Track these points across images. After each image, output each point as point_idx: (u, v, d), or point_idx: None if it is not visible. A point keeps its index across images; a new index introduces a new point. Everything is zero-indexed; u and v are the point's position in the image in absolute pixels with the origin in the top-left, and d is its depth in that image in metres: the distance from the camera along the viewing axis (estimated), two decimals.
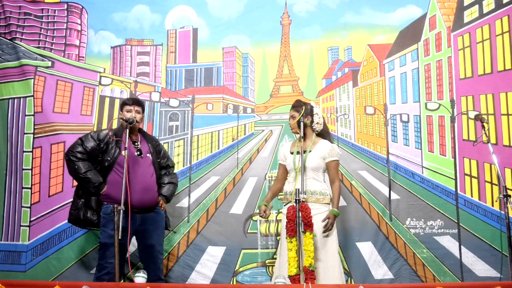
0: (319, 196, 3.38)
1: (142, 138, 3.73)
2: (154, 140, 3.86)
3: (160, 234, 3.70)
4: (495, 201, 4.05)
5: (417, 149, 4.44)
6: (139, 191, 3.47)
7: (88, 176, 3.48)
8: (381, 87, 4.58)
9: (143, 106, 3.74)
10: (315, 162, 3.40)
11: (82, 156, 3.52)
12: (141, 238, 3.63)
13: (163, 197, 3.71)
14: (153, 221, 3.62)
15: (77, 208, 3.62)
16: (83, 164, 3.51)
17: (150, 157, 3.65)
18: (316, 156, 3.42)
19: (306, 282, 2.94)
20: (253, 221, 4.43)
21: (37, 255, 4.39)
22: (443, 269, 4.11)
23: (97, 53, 4.85)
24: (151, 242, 3.60)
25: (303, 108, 3.47)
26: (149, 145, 3.70)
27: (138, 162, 3.56)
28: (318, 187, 3.39)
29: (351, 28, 4.65)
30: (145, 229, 3.60)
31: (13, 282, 3.06)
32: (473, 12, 4.40)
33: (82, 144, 3.56)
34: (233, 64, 4.80)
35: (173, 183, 3.83)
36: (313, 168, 3.40)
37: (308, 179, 3.38)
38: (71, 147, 3.59)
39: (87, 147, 3.54)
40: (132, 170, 3.49)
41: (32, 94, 4.54)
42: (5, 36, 4.69)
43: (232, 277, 4.28)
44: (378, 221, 4.29)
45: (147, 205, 3.56)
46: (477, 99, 4.31)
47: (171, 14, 4.87)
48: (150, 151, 3.68)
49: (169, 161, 3.91)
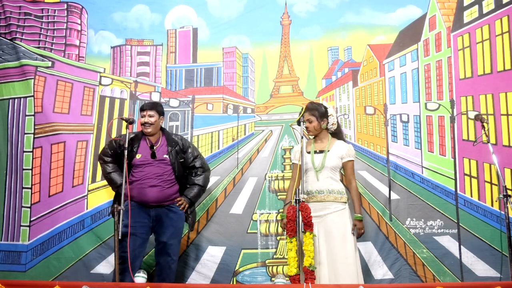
0: (337, 195, 3.42)
1: (164, 140, 3.81)
2: (175, 141, 3.85)
3: (174, 233, 3.71)
4: (495, 201, 4.05)
5: (417, 149, 4.44)
6: (148, 189, 3.63)
7: (111, 177, 3.79)
8: (381, 87, 4.58)
9: (158, 108, 3.77)
10: (334, 161, 3.47)
11: (108, 159, 3.81)
12: (156, 234, 3.75)
13: (187, 198, 3.78)
14: (168, 219, 3.69)
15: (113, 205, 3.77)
16: (108, 167, 3.81)
17: (167, 158, 3.74)
18: (334, 156, 3.48)
19: (306, 282, 2.95)
20: (253, 221, 4.43)
21: (37, 255, 4.39)
22: (443, 269, 4.12)
23: (97, 53, 4.85)
24: (163, 239, 3.67)
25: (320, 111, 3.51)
26: (168, 147, 3.77)
27: (151, 164, 3.69)
28: (336, 186, 3.45)
29: (351, 28, 4.65)
30: (159, 226, 3.70)
31: (13, 282, 3.07)
32: (473, 12, 4.40)
33: (107, 149, 3.84)
34: (233, 64, 4.80)
35: (199, 185, 3.85)
36: (332, 168, 3.46)
37: (326, 178, 3.44)
38: (100, 152, 3.94)
39: (110, 151, 3.81)
40: (146, 171, 3.67)
41: (32, 94, 4.55)
42: (5, 36, 4.69)
43: (232, 277, 4.28)
44: (378, 221, 4.30)
45: (157, 201, 3.66)
46: (477, 99, 4.31)
47: (171, 14, 4.87)
48: (168, 152, 3.76)
49: (197, 161, 3.87)
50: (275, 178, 4.51)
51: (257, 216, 4.43)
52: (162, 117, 3.81)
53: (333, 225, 3.34)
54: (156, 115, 3.73)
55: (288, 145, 4.57)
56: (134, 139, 3.74)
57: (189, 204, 3.79)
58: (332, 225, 3.35)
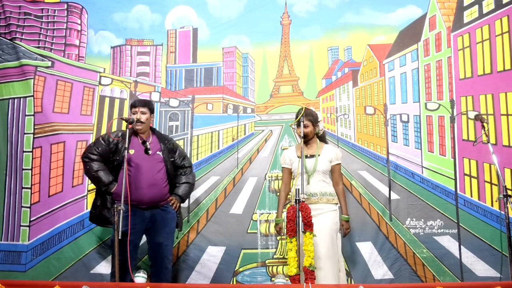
0: (329, 196, 3.56)
1: (155, 138, 3.79)
2: (167, 139, 3.89)
3: (169, 233, 3.71)
4: (495, 201, 4.05)
5: (417, 149, 4.44)
6: (145, 187, 3.57)
7: (98, 175, 3.65)
8: (381, 87, 4.58)
9: (150, 106, 3.76)
10: (325, 165, 3.59)
11: (94, 157, 3.68)
12: (149, 236, 3.71)
13: (177, 196, 3.76)
14: (162, 219, 3.67)
15: (96, 206, 3.75)
16: (94, 165, 3.67)
17: (160, 155, 3.71)
18: (325, 159, 3.60)
19: (306, 282, 2.95)
20: (253, 221, 4.43)
21: (37, 255, 4.39)
22: (443, 269, 4.12)
23: (97, 53, 4.85)
24: (159, 240, 3.65)
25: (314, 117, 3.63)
26: (160, 144, 3.76)
27: (146, 160, 3.63)
28: (328, 188, 3.58)
29: (351, 28, 4.65)
30: (153, 227, 3.66)
31: (13, 282, 3.07)
32: (473, 12, 4.40)
33: (94, 146, 3.73)
34: (233, 64, 4.80)
35: (189, 183, 3.87)
36: (323, 171, 3.59)
37: (319, 181, 3.56)
38: (85, 149, 3.80)
39: (98, 149, 3.69)
40: (139, 168, 3.59)
41: (32, 94, 4.54)
42: (5, 36, 4.68)
43: (232, 277, 4.28)
44: (378, 221, 4.30)
45: (153, 201, 3.62)
46: (477, 99, 4.31)
47: (171, 14, 4.87)
48: (161, 149, 3.74)
49: (186, 161, 3.92)
50: (275, 178, 4.51)
51: (257, 216, 4.43)
52: (152, 115, 3.78)
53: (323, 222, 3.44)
54: (148, 112, 3.70)
55: (288, 145, 4.57)
56: (124, 136, 3.61)
57: (180, 202, 3.78)
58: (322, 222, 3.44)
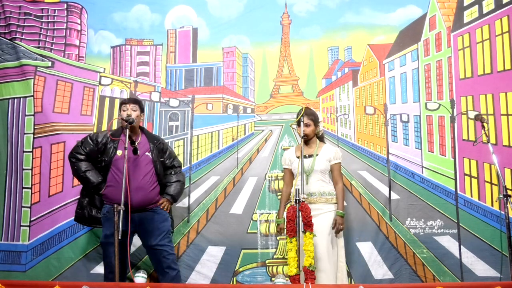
0: (328, 196, 3.57)
1: (144, 137, 3.73)
2: (156, 138, 3.84)
3: (162, 234, 3.62)
4: (495, 201, 4.05)
5: (417, 149, 4.44)
6: (133, 190, 3.43)
7: (87, 176, 3.60)
8: (381, 87, 4.58)
9: (140, 104, 3.73)
10: (324, 164, 3.61)
11: (82, 157, 3.65)
12: (143, 239, 3.68)
13: (169, 196, 3.71)
14: (152, 221, 3.61)
15: (82, 207, 3.72)
16: (82, 165, 3.62)
17: (149, 156, 3.65)
18: (323, 159, 3.62)
19: (306, 282, 2.95)
20: (253, 221, 4.43)
21: (37, 255, 4.38)
22: (443, 269, 4.12)
23: (97, 53, 4.85)
24: (150, 242, 3.61)
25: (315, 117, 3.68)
26: (150, 144, 3.70)
27: (134, 161, 3.53)
28: (327, 188, 3.59)
29: (351, 28, 4.65)
30: (144, 230, 3.62)
31: (13, 282, 3.07)
32: (473, 12, 4.40)
33: (82, 146, 3.67)
34: (233, 64, 4.80)
35: (180, 181, 3.81)
36: (321, 171, 3.60)
37: (317, 181, 3.58)
38: (72, 149, 3.73)
39: (85, 149, 3.65)
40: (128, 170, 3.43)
41: (32, 94, 4.54)
42: (5, 36, 4.68)
43: (232, 277, 4.28)
44: (378, 221, 4.29)
45: (140, 205, 3.54)
46: (477, 99, 4.31)
47: (171, 14, 4.87)
48: (151, 150, 3.68)
49: (175, 161, 3.90)
50: (275, 178, 4.50)
51: (257, 216, 4.43)
52: (142, 114, 3.75)
53: (323, 222, 3.46)
54: (138, 110, 3.66)
55: (288, 145, 4.57)
56: (115, 135, 3.61)
57: (172, 201, 3.74)
58: (322, 222, 3.45)
